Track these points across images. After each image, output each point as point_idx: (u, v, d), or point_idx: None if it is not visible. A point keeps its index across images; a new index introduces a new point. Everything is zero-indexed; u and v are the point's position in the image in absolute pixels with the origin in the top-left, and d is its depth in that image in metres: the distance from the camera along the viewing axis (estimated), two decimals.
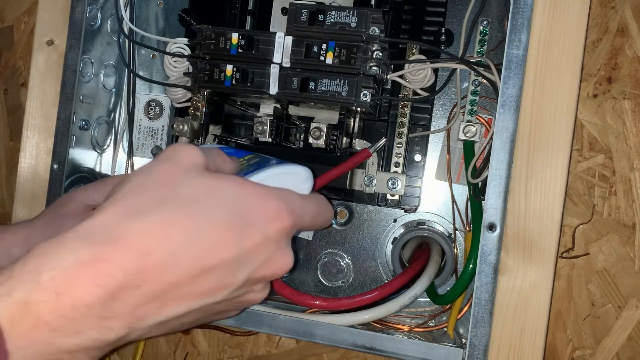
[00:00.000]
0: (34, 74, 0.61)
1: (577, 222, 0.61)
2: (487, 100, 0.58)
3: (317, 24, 0.51)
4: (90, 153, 0.63)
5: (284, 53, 0.52)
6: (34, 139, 0.61)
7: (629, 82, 0.60)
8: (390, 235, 0.61)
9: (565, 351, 0.61)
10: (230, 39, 0.53)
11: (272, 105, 0.58)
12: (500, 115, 0.48)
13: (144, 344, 0.65)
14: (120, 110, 0.67)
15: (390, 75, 0.56)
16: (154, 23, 0.67)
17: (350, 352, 0.66)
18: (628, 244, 0.60)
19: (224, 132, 0.61)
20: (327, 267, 0.63)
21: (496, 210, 0.48)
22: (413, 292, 0.53)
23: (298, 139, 0.57)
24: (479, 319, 0.48)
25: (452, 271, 0.58)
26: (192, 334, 0.70)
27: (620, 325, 0.60)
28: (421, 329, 0.59)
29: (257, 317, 0.53)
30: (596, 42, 0.61)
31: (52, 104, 0.60)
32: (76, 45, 0.58)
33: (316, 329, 0.52)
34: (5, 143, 0.78)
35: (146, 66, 0.68)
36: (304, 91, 0.52)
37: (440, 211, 0.60)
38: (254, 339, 0.69)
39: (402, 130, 0.58)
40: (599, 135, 0.61)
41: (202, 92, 0.57)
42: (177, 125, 0.58)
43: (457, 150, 0.59)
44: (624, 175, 0.60)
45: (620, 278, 0.60)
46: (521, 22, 0.48)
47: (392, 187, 0.58)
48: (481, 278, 0.48)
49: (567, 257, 0.61)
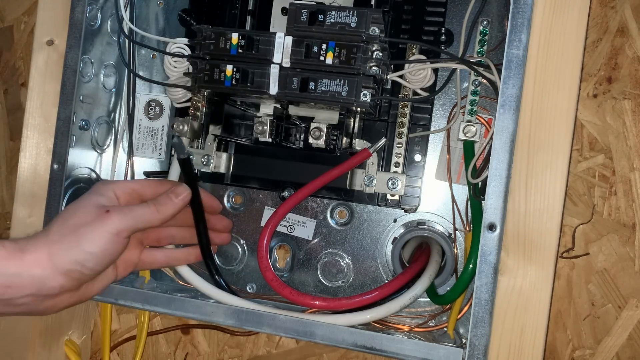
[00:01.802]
0: (34, 74, 0.61)
1: (577, 222, 0.61)
2: (487, 100, 0.58)
3: (317, 24, 0.51)
4: (90, 153, 0.63)
5: (284, 53, 0.52)
6: (34, 139, 0.61)
7: (629, 82, 0.60)
8: (390, 235, 0.61)
9: (565, 351, 0.61)
10: (230, 39, 0.53)
11: (272, 105, 0.58)
12: (500, 115, 0.48)
13: (144, 344, 0.65)
14: (120, 110, 0.67)
15: (390, 75, 0.56)
16: (154, 23, 0.67)
17: (350, 352, 0.66)
18: (628, 244, 0.60)
19: (224, 132, 0.61)
20: (327, 267, 0.63)
21: (496, 210, 0.48)
22: (413, 292, 0.53)
23: (298, 139, 0.57)
24: (479, 319, 0.48)
25: (452, 271, 0.58)
26: (192, 334, 0.70)
27: (620, 325, 0.60)
28: (421, 329, 0.59)
29: (257, 317, 0.53)
30: (596, 42, 0.61)
31: (52, 104, 0.60)
32: (76, 45, 0.58)
33: (316, 329, 0.52)
34: (5, 143, 0.78)
35: (146, 66, 0.68)
36: (304, 91, 0.52)
37: (440, 211, 0.60)
38: (254, 339, 0.69)
39: (402, 130, 0.58)
40: (599, 135, 0.61)
41: (202, 92, 0.57)
42: (177, 126, 0.58)
43: (457, 150, 0.59)
44: (624, 175, 0.60)
45: (620, 278, 0.60)
46: (521, 22, 0.48)
47: (392, 187, 0.58)
48: (481, 278, 0.48)
49: (567, 257, 0.61)
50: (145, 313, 0.65)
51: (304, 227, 0.63)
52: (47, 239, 0.47)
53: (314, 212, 0.63)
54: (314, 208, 0.63)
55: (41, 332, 0.61)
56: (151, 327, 0.70)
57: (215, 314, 0.54)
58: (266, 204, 0.64)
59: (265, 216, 0.64)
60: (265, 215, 0.64)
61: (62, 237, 0.47)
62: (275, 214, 0.57)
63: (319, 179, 0.57)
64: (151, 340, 0.71)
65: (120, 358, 0.72)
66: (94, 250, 0.48)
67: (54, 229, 0.48)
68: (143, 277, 0.63)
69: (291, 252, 0.64)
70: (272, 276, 0.55)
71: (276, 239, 0.64)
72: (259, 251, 0.56)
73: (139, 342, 0.65)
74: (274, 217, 0.57)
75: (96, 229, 0.48)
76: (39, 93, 0.61)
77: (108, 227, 0.48)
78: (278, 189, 0.60)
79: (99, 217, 0.48)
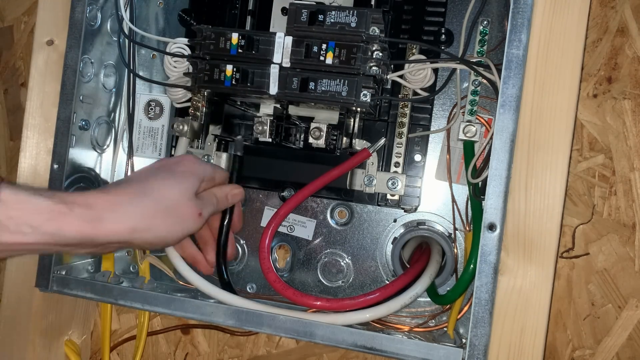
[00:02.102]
0: (34, 74, 0.61)
1: (577, 222, 0.61)
2: (487, 100, 0.58)
3: (317, 24, 0.51)
4: (90, 153, 0.63)
5: (284, 53, 0.52)
6: (34, 139, 0.61)
7: (629, 82, 0.60)
8: (390, 235, 0.61)
9: (565, 351, 0.61)
10: (230, 39, 0.53)
11: (272, 105, 0.58)
12: (500, 115, 0.48)
13: (144, 344, 0.65)
14: (120, 110, 0.67)
15: (390, 75, 0.56)
16: (154, 23, 0.67)
17: (350, 352, 0.66)
18: (628, 244, 0.60)
19: (224, 132, 0.61)
20: (327, 267, 0.63)
21: (496, 210, 0.48)
22: (414, 292, 0.53)
23: (298, 139, 0.57)
24: (479, 319, 0.48)
25: (452, 271, 0.58)
26: (192, 334, 0.70)
27: (620, 325, 0.60)
28: (421, 329, 0.59)
29: (257, 317, 0.53)
30: (596, 42, 0.61)
31: (52, 104, 0.60)
32: (76, 45, 0.58)
33: (316, 329, 0.52)
34: (5, 143, 0.78)
35: (146, 66, 0.68)
36: (304, 91, 0.52)
37: (440, 211, 0.60)
38: (254, 339, 0.69)
39: (402, 130, 0.58)
40: (599, 135, 0.61)
41: (202, 92, 0.57)
42: (177, 126, 0.58)
43: (457, 150, 0.59)
44: (624, 175, 0.60)
45: (620, 278, 0.60)
46: (521, 22, 0.48)
47: (392, 187, 0.58)
48: (481, 278, 0.48)
49: (567, 257, 0.61)
50: (145, 313, 0.65)
51: (304, 227, 0.63)
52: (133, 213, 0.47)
53: (314, 212, 0.63)
54: (314, 208, 0.63)
55: (41, 332, 0.61)
56: (151, 327, 0.70)
57: (215, 314, 0.54)
58: (266, 204, 0.64)
59: (265, 216, 0.64)
60: (266, 216, 0.64)
61: (150, 218, 0.48)
62: (276, 215, 0.57)
63: (319, 179, 0.57)
64: (151, 340, 0.71)
65: (120, 358, 0.72)
66: (174, 242, 0.52)
67: (145, 202, 0.48)
68: (143, 277, 0.64)
69: (291, 252, 0.64)
70: (275, 277, 0.55)
71: (276, 239, 0.64)
72: (260, 252, 0.56)
73: (139, 342, 0.65)
74: (275, 218, 0.57)
75: (183, 229, 0.50)
76: (39, 93, 0.61)
77: (192, 228, 0.51)
78: (278, 189, 0.60)
79: (191, 216, 0.50)
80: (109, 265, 0.64)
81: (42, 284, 0.58)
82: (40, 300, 0.61)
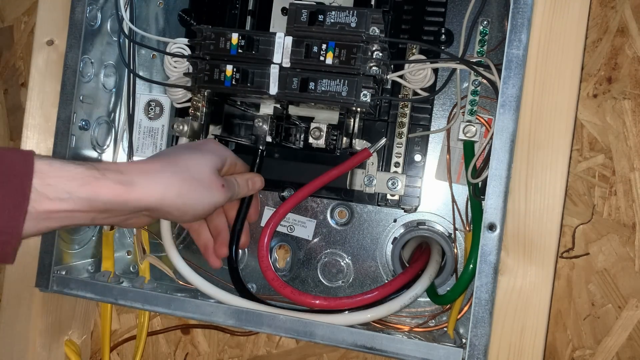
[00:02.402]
0: (34, 74, 0.61)
1: (577, 222, 0.61)
2: (487, 100, 0.58)
3: (317, 24, 0.51)
4: (90, 153, 0.63)
5: (284, 53, 0.52)
6: (34, 139, 0.61)
7: (629, 82, 0.60)
8: (390, 235, 0.61)
9: (565, 351, 0.61)
10: (230, 39, 0.53)
11: (272, 105, 0.58)
12: (500, 115, 0.48)
13: (144, 344, 0.65)
14: (120, 110, 0.67)
15: (390, 75, 0.56)
16: (154, 23, 0.67)
17: (350, 352, 0.66)
18: (628, 244, 0.60)
19: (224, 132, 0.61)
20: (327, 267, 0.63)
21: (496, 210, 0.48)
22: (414, 292, 0.53)
23: (298, 139, 0.57)
24: (479, 319, 0.48)
25: (452, 271, 0.58)
26: (192, 334, 0.70)
27: (620, 325, 0.60)
28: (421, 329, 0.59)
29: (257, 317, 0.53)
30: (596, 42, 0.61)
31: (52, 104, 0.60)
32: (76, 45, 0.58)
33: (316, 329, 0.52)
34: (5, 143, 0.78)
35: (146, 66, 0.68)
36: (303, 91, 0.52)
37: (440, 211, 0.60)
38: (254, 339, 0.69)
39: (402, 130, 0.58)
40: (599, 135, 0.61)
41: (202, 92, 0.57)
42: (177, 126, 0.58)
43: (457, 150, 0.59)
44: (624, 175, 0.60)
45: (620, 278, 0.60)
46: (521, 22, 0.48)
47: (392, 187, 0.58)
48: (481, 278, 0.48)
49: (567, 257, 0.61)
50: (145, 313, 0.65)
51: (304, 227, 0.63)
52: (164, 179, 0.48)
53: (314, 212, 0.63)
54: (314, 208, 0.63)
55: (41, 332, 0.61)
56: (151, 327, 0.70)
57: (215, 314, 0.54)
58: (266, 204, 0.64)
59: (265, 216, 0.64)
60: (265, 215, 0.64)
61: (180, 184, 0.49)
62: (275, 214, 0.57)
63: (319, 178, 0.57)
64: (151, 340, 0.71)
65: (120, 358, 0.72)
66: (201, 213, 0.52)
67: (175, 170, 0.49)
68: (143, 277, 0.64)
69: (291, 252, 0.64)
70: (273, 275, 0.55)
71: (276, 239, 0.64)
72: (259, 251, 0.56)
73: (139, 342, 0.65)
74: (274, 217, 0.57)
75: (210, 198, 0.51)
76: (39, 93, 0.61)
77: (215, 199, 0.52)
78: (278, 189, 0.60)
79: (217, 187, 0.51)
80: (109, 265, 0.64)
81: (42, 284, 0.58)
82: (40, 300, 0.61)
